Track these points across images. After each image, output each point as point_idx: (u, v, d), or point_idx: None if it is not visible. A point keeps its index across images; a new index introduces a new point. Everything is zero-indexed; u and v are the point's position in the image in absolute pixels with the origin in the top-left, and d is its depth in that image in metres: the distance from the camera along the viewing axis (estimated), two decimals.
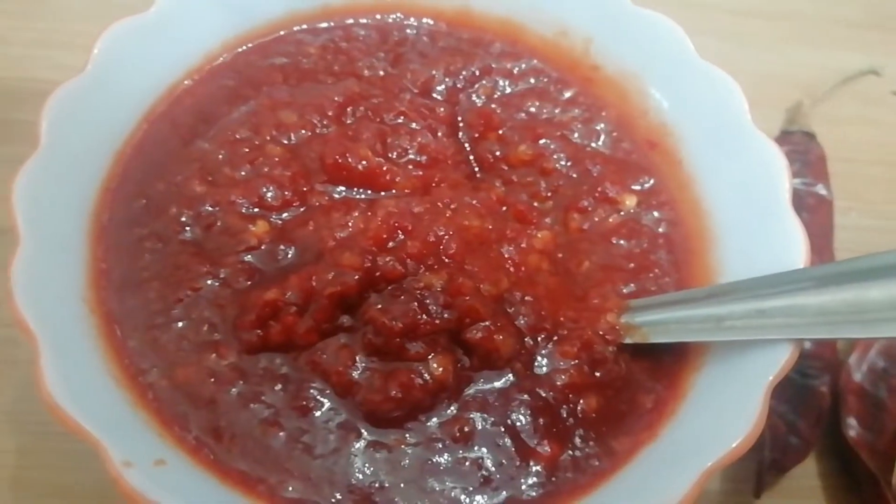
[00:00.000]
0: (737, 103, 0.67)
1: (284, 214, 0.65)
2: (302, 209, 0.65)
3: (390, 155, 0.68)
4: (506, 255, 0.64)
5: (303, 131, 0.69)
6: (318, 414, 0.57)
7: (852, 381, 0.73)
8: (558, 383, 0.59)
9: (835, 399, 0.73)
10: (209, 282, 0.61)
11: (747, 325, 0.57)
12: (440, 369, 0.58)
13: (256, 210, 0.64)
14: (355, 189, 0.67)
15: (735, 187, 0.66)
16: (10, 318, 0.70)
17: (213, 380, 0.57)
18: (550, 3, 0.75)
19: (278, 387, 0.57)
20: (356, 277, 0.59)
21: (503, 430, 0.57)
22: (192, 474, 0.52)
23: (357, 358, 0.58)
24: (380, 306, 0.59)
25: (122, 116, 0.66)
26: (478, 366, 0.60)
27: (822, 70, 0.96)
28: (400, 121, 0.70)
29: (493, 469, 0.56)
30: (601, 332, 0.62)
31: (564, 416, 0.59)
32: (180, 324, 0.59)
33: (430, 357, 0.58)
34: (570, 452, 0.58)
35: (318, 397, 0.57)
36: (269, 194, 0.64)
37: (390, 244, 0.62)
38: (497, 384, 0.59)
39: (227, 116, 0.69)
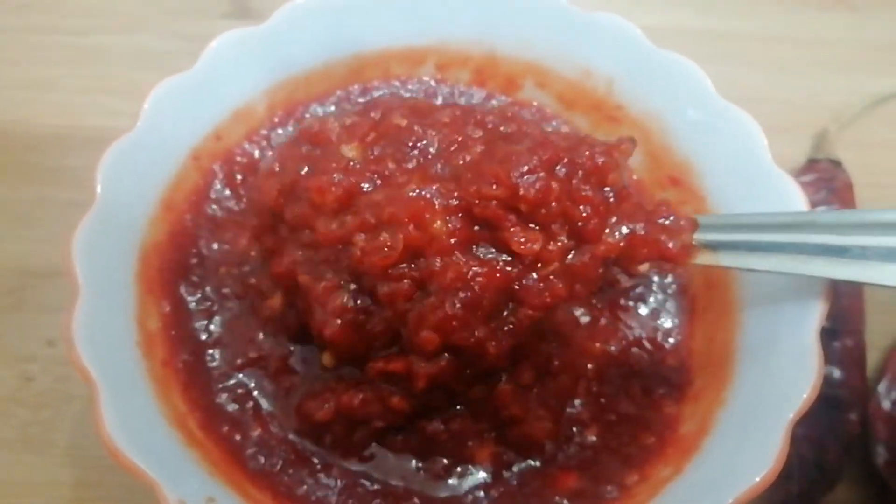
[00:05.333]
0: (756, 141, 0.68)
1: None
2: None
3: None
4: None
5: None
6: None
7: (881, 409, 0.74)
8: None
9: (864, 427, 0.74)
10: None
11: (828, 262, 0.57)
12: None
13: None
14: None
15: None
16: (65, 358, 0.75)
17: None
18: (573, 47, 0.77)
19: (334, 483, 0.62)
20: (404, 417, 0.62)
21: None
22: None
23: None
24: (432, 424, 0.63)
25: (167, 168, 0.70)
26: (516, 455, 0.64)
27: (851, 95, 0.96)
28: None
29: None
30: (674, 249, 0.60)
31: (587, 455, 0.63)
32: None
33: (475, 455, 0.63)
34: (593, 485, 0.61)
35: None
36: None
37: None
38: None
39: None
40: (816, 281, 0.61)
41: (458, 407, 0.63)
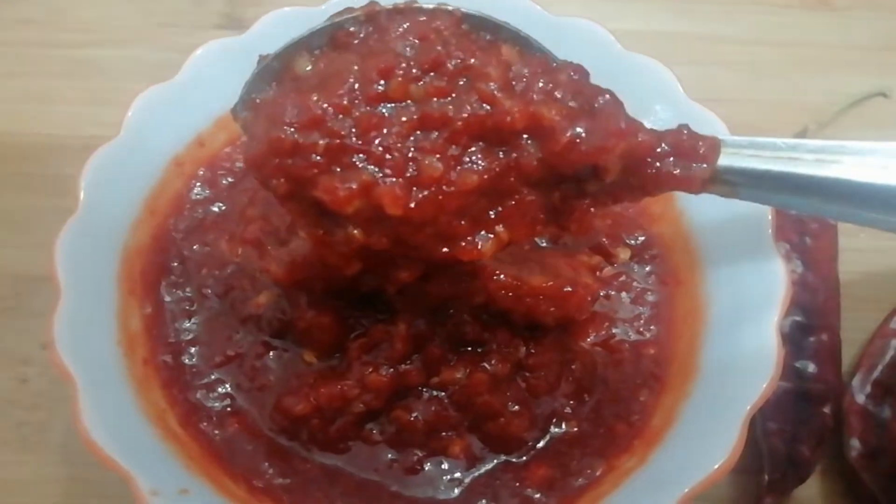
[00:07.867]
0: None
1: None
2: None
3: None
4: None
5: None
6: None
7: (855, 402, 0.74)
8: None
9: (838, 421, 0.75)
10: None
11: (844, 206, 0.57)
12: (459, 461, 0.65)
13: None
14: None
15: (721, 221, 0.69)
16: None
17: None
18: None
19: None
20: (383, 397, 0.64)
21: None
22: (213, 502, 0.58)
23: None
24: (408, 413, 0.65)
25: (150, 174, 0.73)
26: (492, 449, 0.65)
27: (833, 95, 0.96)
28: None
29: None
30: (696, 179, 0.57)
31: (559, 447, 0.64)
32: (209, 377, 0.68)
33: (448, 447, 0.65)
34: (563, 476, 0.62)
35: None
36: None
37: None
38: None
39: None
40: (778, 276, 0.63)
41: (434, 393, 0.65)
